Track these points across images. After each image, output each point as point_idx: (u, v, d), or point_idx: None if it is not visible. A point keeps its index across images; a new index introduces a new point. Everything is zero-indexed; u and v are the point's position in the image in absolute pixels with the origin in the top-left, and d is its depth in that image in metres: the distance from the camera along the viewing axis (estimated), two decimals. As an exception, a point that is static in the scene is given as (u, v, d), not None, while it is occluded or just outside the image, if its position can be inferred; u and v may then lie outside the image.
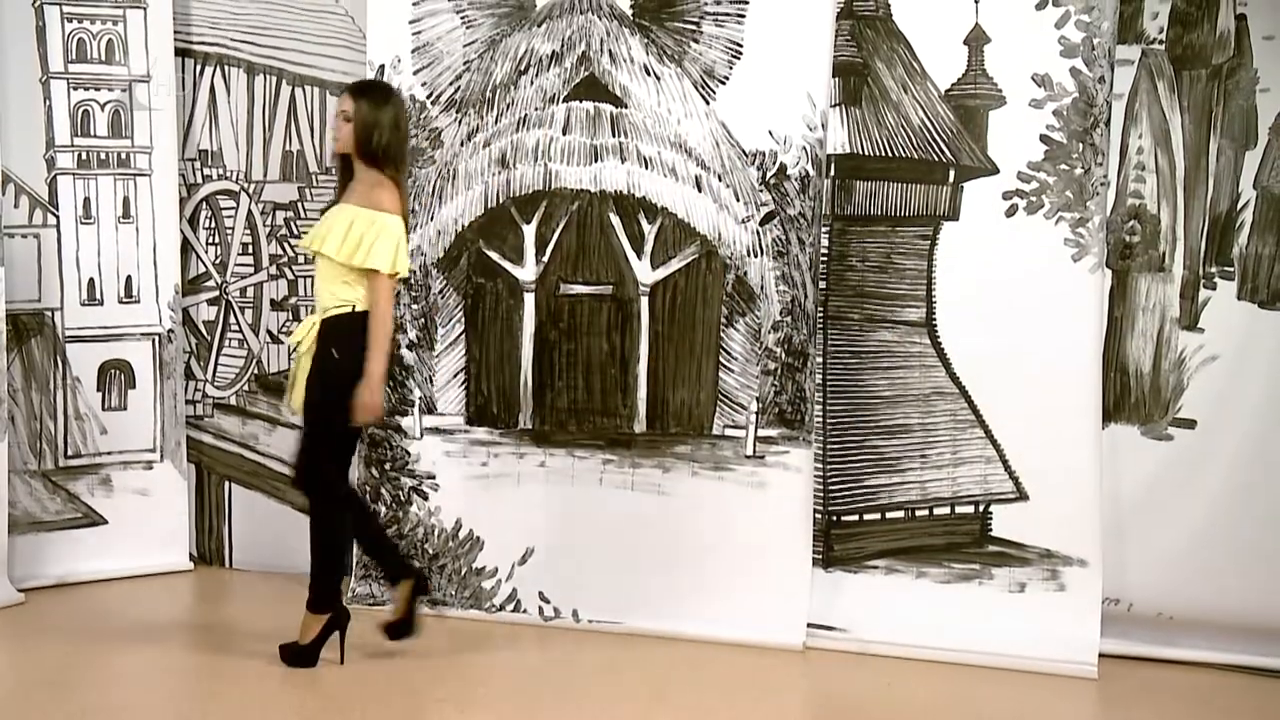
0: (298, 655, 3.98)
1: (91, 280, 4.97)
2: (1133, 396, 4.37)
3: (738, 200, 4.44)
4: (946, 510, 4.39)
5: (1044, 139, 4.21)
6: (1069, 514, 4.21)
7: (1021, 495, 4.30)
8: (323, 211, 4.29)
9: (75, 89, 4.91)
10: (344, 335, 3.89)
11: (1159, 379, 4.34)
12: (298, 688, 3.83)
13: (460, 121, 4.65)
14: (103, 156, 4.98)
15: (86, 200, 4.95)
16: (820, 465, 4.43)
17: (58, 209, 4.91)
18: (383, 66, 4.66)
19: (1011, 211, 4.26)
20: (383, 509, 4.71)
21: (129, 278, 5.00)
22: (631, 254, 4.54)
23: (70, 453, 4.97)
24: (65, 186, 4.92)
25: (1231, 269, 4.27)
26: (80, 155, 4.94)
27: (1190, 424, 4.29)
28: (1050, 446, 4.22)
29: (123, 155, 5.00)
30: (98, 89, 4.95)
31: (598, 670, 4.13)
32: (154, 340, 5.07)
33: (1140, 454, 4.32)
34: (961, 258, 4.32)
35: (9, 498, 4.69)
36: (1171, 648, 4.28)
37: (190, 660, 4.11)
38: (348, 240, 3.85)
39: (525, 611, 4.57)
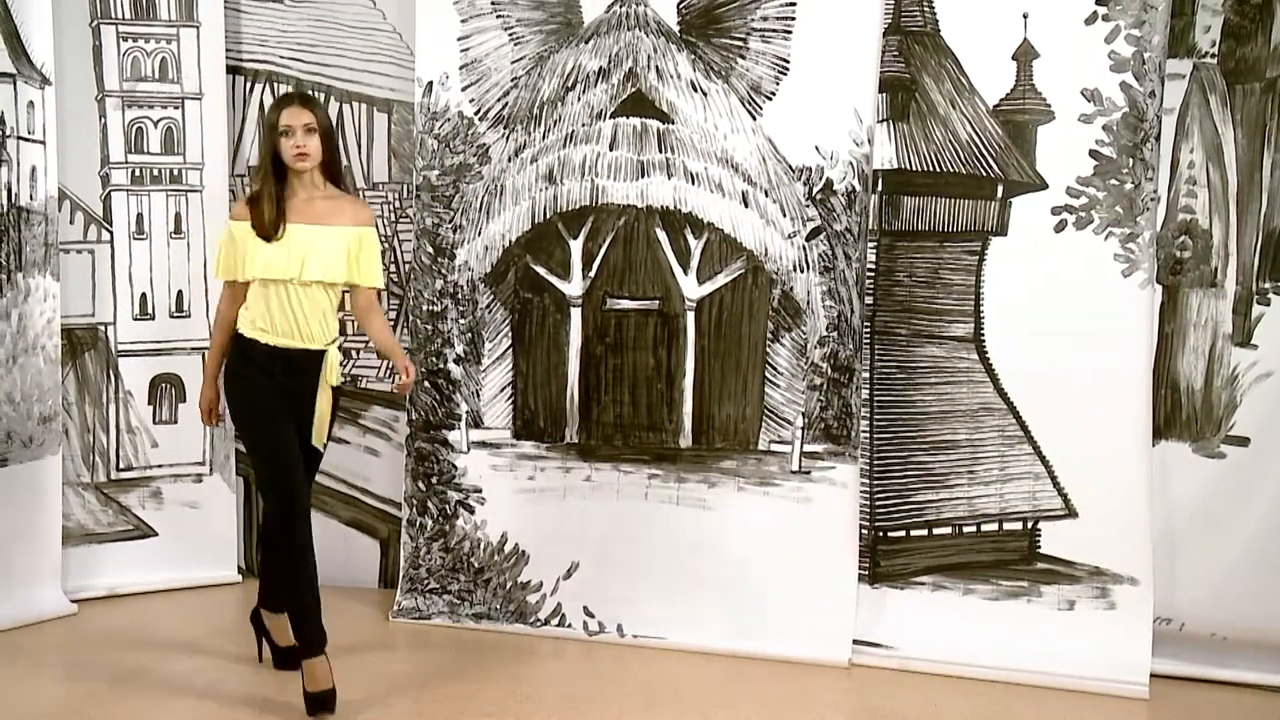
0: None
1: (144, 295, 5.03)
2: (1184, 413, 4.32)
3: (784, 215, 4.44)
4: (994, 527, 4.36)
5: (1093, 154, 4.19)
6: (1119, 531, 4.18)
7: (1071, 512, 4.27)
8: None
9: (129, 106, 4.99)
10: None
11: (1211, 395, 4.29)
12: (345, 700, 3.85)
13: (508, 137, 4.68)
14: (155, 173, 5.04)
15: (139, 216, 5.02)
16: (867, 481, 4.41)
17: (111, 225, 4.98)
18: (431, 83, 4.70)
19: (1060, 227, 4.23)
20: (429, 522, 4.74)
21: (180, 292, 5.05)
22: (678, 269, 4.54)
23: (122, 465, 5.03)
24: (119, 202, 4.99)
25: (1286, 285, 4.23)
26: (134, 172, 5.01)
27: (1243, 441, 4.24)
28: (1100, 463, 4.19)
29: (175, 171, 5.07)
30: (151, 106, 5.02)
31: (642, 686, 4.12)
32: (204, 354, 5.11)
33: (1192, 471, 4.27)
34: (1010, 273, 4.30)
35: (63, 510, 4.77)
36: (1224, 669, 4.22)
37: (238, 672, 4.14)
38: (363, 262, 3.78)
39: (570, 626, 4.58)
